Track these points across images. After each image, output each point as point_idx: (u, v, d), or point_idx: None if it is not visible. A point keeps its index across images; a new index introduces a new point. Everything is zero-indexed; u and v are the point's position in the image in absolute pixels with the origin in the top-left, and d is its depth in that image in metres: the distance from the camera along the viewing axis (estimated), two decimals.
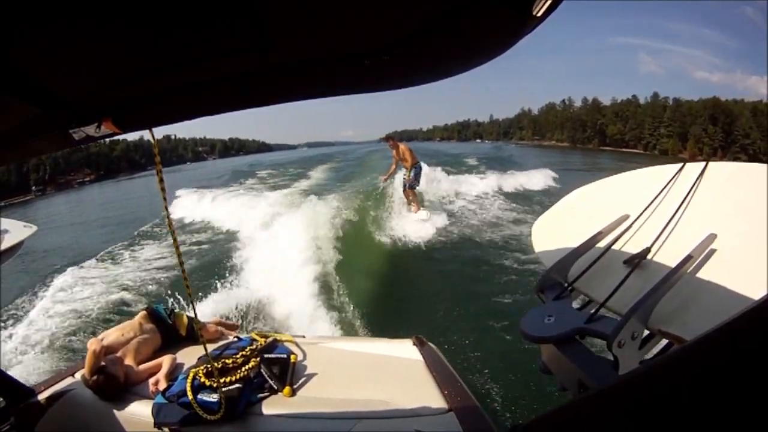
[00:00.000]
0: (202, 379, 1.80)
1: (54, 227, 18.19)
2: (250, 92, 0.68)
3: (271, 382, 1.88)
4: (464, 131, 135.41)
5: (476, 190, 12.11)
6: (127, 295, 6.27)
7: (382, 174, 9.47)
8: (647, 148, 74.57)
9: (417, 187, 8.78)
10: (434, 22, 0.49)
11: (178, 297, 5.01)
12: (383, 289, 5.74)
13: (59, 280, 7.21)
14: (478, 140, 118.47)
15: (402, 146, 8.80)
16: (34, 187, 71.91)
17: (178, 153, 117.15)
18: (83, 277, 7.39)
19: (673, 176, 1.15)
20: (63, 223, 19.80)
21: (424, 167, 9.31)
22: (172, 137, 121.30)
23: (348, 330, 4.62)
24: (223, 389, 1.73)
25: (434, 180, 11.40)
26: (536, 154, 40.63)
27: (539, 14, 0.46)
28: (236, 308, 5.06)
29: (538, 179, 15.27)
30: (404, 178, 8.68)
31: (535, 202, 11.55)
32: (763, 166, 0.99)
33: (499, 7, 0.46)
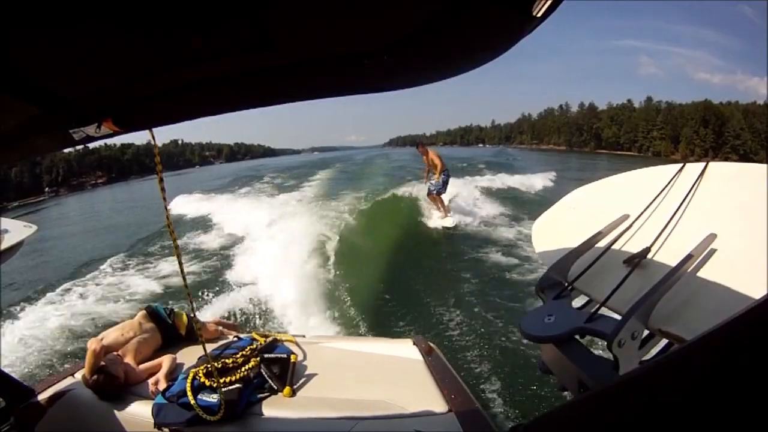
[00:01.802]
0: (202, 379, 1.80)
1: (65, 227, 18.37)
2: (249, 92, 0.68)
3: (271, 382, 1.88)
4: (467, 136, 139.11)
5: (477, 192, 12.12)
6: (127, 296, 6.28)
7: (423, 178, 9.59)
8: (641, 151, 77.35)
9: (444, 194, 8.87)
10: (434, 22, 0.49)
11: (179, 297, 5.01)
12: (383, 289, 5.74)
13: (61, 281, 7.22)
14: (480, 145, 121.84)
15: (432, 152, 8.85)
16: (47, 189, 74.16)
17: (185, 157, 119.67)
18: (85, 276, 7.39)
19: (673, 176, 1.15)
20: (74, 224, 20.05)
21: None
22: (179, 141, 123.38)
23: (348, 330, 4.62)
24: (223, 389, 1.73)
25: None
26: (536, 158, 41.10)
27: (539, 14, 0.46)
28: (236, 308, 5.06)
29: (539, 181, 15.36)
30: (430, 183, 8.81)
31: (535, 203, 11.56)
32: (763, 166, 0.99)
33: (499, 7, 0.46)
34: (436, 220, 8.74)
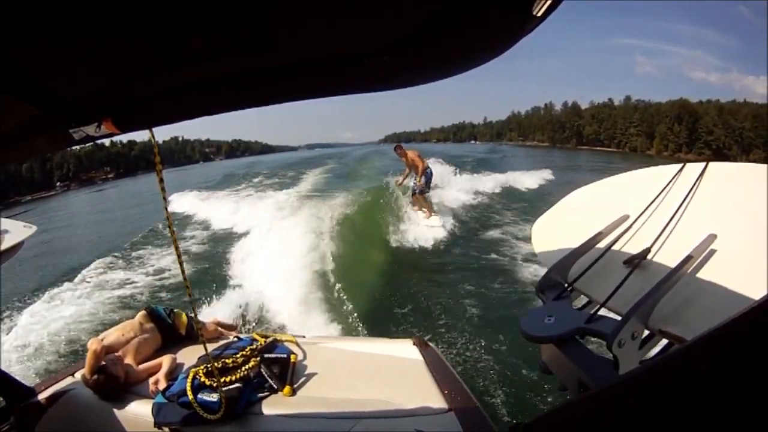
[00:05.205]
0: (202, 379, 1.81)
1: (70, 222, 18.59)
2: (249, 92, 0.68)
3: (271, 382, 1.88)
4: (459, 133, 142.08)
5: (475, 191, 12.11)
6: (128, 296, 6.28)
7: (396, 177, 9.41)
8: (619, 147, 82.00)
9: (428, 192, 8.55)
10: (434, 21, 0.49)
11: (179, 297, 5.01)
12: (383, 289, 5.74)
13: (60, 281, 7.22)
14: (473, 141, 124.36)
15: (410, 153, 8.53)
16: (58, 183, 77.74)
17: (186, 154, 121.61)
18: (85, 276, 7.39)
19: (673, 177, 1.15)
20: (82, 218, 20.34)
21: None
22: (180, 138, 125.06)
23: (348, 330, 4.62)
24: (223, 389, 1.74)
25: (442, 181, 11.36)
26: (525, 154, 41.84)
27: (539, 14, 0.46)
28: (236, 309, 5.06)
29: (535, 179, 15.40)
30: (414, 184, 8.47)
31: (534, 202, 11.55)
32: (763, 166, 0.99)
33: (499, 7, 0.46)
34: (422, 221, 8.32)
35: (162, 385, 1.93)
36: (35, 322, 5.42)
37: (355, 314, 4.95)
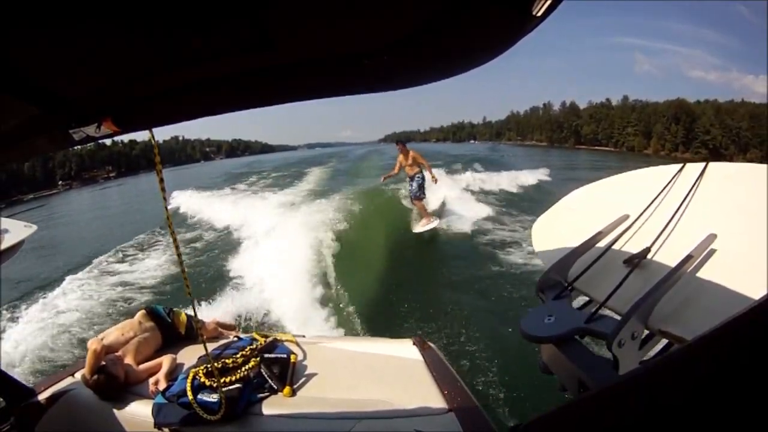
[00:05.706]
0: (202, 379, 1.81)
1: (70, 221, 18.68)
2: (249, 92, 0.68)
3: (271, 382, 1.88)
4: (459, 132, 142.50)
5: (475, 190, 12.10)
6: (127, 296, 6.28)
7: (383, 174, 9.37)
8: (616, 146, 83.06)
9: (424, 198, 8.30)
10: (434, 22, 0.49)
11: (177, 297, 5.00)
12: (383, 289, 5.74)
13: (59, 282, 7.22)
14: (472, 141, 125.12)
15: (413, 153, 8.13)
16: (60, 182, 78.92)
17: (186, 153, 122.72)
18: (85, 277, 7.39)
19: (673, 176, 1.15)
20: (86, 215, 20.52)
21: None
22: (180, 138, 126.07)
23: (348, 330, 4.62)
24: (223, 389, 1.74)
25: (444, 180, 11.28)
26: (524, 153, 42.09)
27: (539, 14, 0.46)
28: (235, 308, 5.06)
29: (534, 178, 15.44)
30: (411, 188, 8.21)
31: (533, 201, 11.54)
32: (763, 166, 0.99)
33: (499, 7, 0.46)
34: (420, 226, 8.12)
35: (162, 386, 1.93)
36: (35, 323, 5.42)
37: (355, 314, 4.95)
